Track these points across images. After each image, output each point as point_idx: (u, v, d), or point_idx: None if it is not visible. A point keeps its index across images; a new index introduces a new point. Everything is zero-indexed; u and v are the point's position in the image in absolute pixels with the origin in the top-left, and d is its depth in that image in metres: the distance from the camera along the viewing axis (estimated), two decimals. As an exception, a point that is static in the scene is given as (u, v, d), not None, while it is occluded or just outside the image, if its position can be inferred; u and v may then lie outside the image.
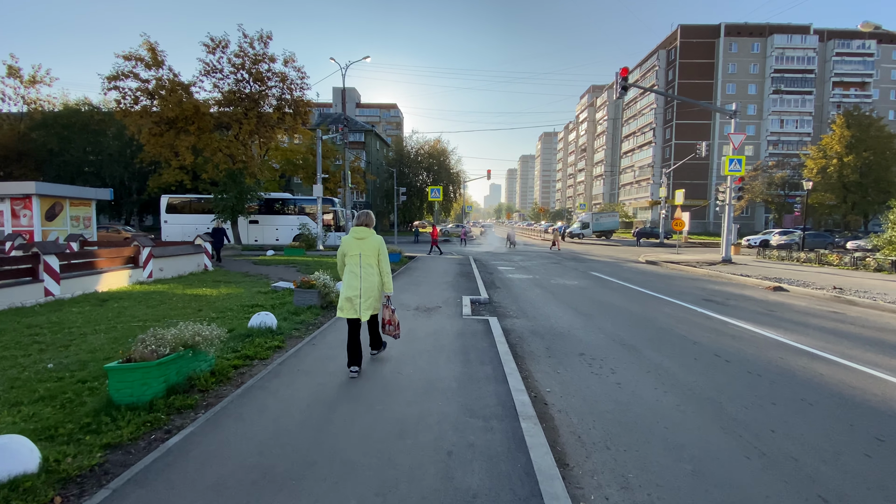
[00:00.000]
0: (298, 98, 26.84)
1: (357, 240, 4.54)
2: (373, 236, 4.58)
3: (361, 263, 4.50)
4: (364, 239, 4.53)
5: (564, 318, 7.86)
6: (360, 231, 4.56)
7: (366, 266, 4.51)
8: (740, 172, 18.76)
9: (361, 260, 4.51)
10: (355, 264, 4.51)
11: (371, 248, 4.54)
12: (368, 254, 4.53)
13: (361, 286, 4.48)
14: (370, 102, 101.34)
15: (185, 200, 28.80)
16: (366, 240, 4.53)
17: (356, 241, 4.53)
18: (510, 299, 9.76)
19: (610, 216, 48.29)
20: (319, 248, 24.21)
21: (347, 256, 4.57)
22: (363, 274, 4.49)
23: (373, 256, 4.55)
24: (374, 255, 4.56)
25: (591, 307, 9.02)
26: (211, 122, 24.46)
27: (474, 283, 11.73)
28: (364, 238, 4.53)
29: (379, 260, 4.59)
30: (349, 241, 4.56)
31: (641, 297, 10.36)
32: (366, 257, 4.52)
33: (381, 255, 4.60)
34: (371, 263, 4.54)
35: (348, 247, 4.57)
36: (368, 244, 4.53)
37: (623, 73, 18.26)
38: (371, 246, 4.54)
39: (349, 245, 4.56)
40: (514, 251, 26.57)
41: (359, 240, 4.53)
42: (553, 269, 16.64)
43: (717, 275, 15.01)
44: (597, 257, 22.72)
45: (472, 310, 7.97)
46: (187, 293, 9.11)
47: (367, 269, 4.51)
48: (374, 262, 4.56)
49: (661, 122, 67.37)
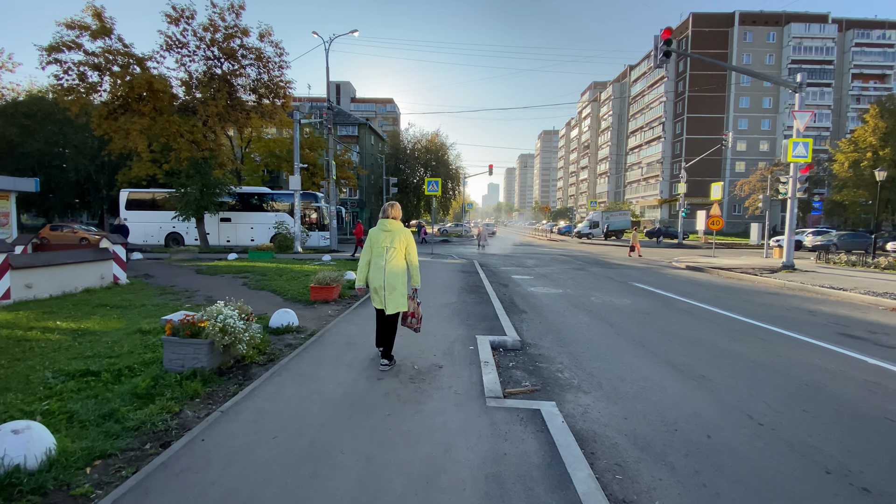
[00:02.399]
0: (277, 79, 23.28)
1: (384, 232, 4.40)
2: (401, 228, 4.44)
3: (387, 257, 4.32)
4: (391, 231, 4.40)
5: (669, 390, 4.32)
6: (388, 223, 4.44)
7: (392, 259, 4.33)
8: (806, 158, 15.27)
9: (387, 253, 4.33)
10: (381, 257, 4.34)
11: (399, 240, 4.39)
12: (396, 246, 4.36)
13: (385, 279, 4.28)
14: (365, 97, 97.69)
15: (149, 195, 25.24)
16: (393, 232, 4.40)
17: (384, 233, 4.39)
18: (551, 337, 6.23)
19: (621, 215, 44.85)
20: (297, 249, 20.64)
21: (374, 248, 4.39)
22: (388, 267, 4.30)
23: (401, 249, 4.39)
24: (403, 247, 4.41)
25: (689, 354, 5.50)
26: (170, 103, 20.83)
27: (487, 302, 8.21)
28: (391, 230, 4.40)
29: (407, 252, 4.44)
30: (376, 233, 4.42)
31: (742, 330, 6.85)
32: (393, 250, 4.35)
33: (410, 248, 4.46)
34: (398, 256, 4.37)
35: (376, 239, 4.40)
36: (396, 236, 4.38)
37: (665, 34, 14.78)
38: (399, 238, 4.39)
39: (376, 237, 4.40)
40: (514, 254, 23.04)
41: (386, 232, 4.40)
42: (582, 278, 13.14)
43: (801, 287, 11.52)
44: (622, 261, 19.23)
45: (498, 373, 4.43)
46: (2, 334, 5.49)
47: (394, 262, 4.33)
48: (402, 255, 4.41)
49: (672, 116, 63.93)
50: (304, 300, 8.13)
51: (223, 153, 22.85)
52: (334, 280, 8.29)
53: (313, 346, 5.11)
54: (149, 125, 20.08)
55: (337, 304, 8.01)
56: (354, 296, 9.02)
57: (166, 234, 24.73)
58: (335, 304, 7.99)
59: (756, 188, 44.89)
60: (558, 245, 33.78)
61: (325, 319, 6.69)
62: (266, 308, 7.37)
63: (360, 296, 8.86)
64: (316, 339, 5.44)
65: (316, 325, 6.27)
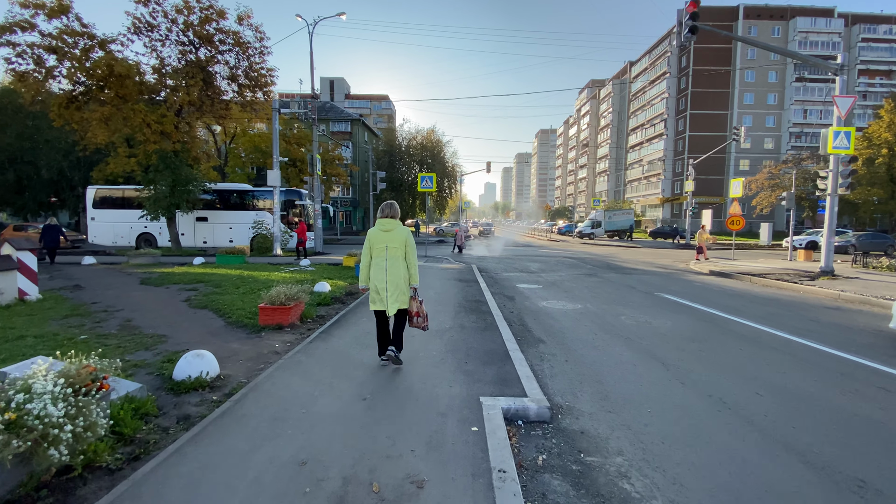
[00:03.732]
0: (258, 66, 21.28)
1: (383, 232, 4.43)
2: (399, 228, 4.47)
3: (388, 256, 4.37)
4: (390, 231, 4.43)
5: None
6: (387, 223, 4.47)
7: (392, 259, 4.38)
8: (849, 150, 13.44)
9: (388, 252, 4.38)
10: (381, 257, 4.39)
11: (398, 240, 4.41)
12: (395, 246, 4.40)
13: (388, 279, 4.34)
14: (360, 94, 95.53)
15: (119, 192, 23.20)
16: (392, 231, 4.43)
17: (382, 234, 4.43)
18: (589, 390, 4.31)
19: (624, 214, 43.02)
20: (276, 252, 18.66)
21: (374, 249, 4.43)
22: (389, 267, 4.36)
23: (399, 248, 4.41)
24: (402, 246, 4.42)
25: (804, 424, 3.59)
26: (135, 90, 18.77)
27: (493, 328, 6.31)
28: (390, 230, 4.43)
29: (406, 252, 4.45)
30: (375, 234, 4.45)
31: (843, 371, 4.97)
32: (392, 249, 4.39)
33: (409, 247, 4.46)
34: (398, 256, 4.40)
35: (375, 239, 4.44)
36: (395, 236, 4.41)
37: (691, 7, 12.94)
38: (398, 238, 4.42)
39: (375, 237, 4.44)
40: (515, 256, 21.15)
41: (385, 232, 4.42)
42: (598, 287, 11.25)
43: (862, 300, 9.67)
44: (634, 265, 17.37)
45: (522, 487, 2.51)
46: None
47: (394, 262, 4.38)
48: (401, 255, 4.42)
49: (674, 112, 62.21)
50: (251, 324, 6.20)
51: (197, 146, 20.83)
52: (293, 297, 6.36)
53: (221, 425, 3.18)
54: (111, 114, 18.02)
55: (294, 330, 6.08)
56: (323, 316, 7.09)
57: (137, 235, 22.71)
58: (291, 331, 6.05)
59: (764, 186, 43.20)
60: (560, 246, 31.91)
61: (264, 361, 4.75)
62: (195, 338, 5.44)
63: (329, 318, 6.93)
64: (233, 404, 3.51)
65: (247, 373, 4.34)
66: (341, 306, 7.85)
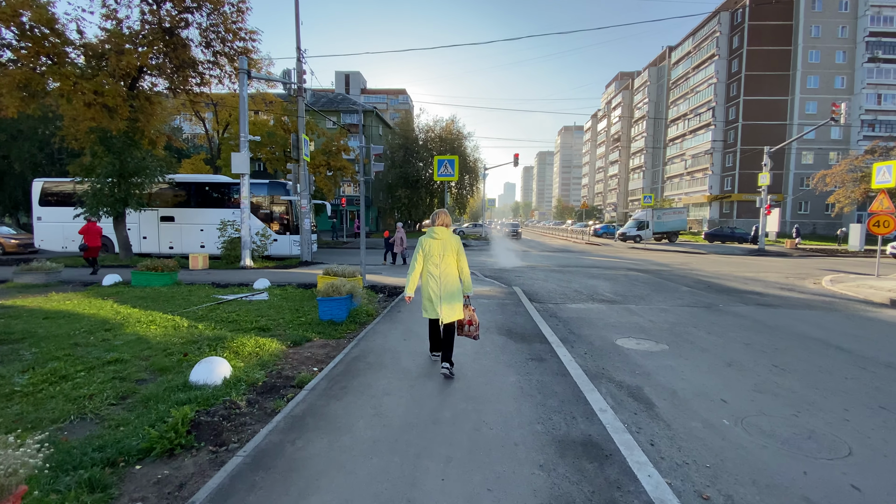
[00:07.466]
0: (235, 26, 16.60)
1: (436, 240, 4.44)
2: (451, 236, 4.48)
3: (440, 264, 4.39)
4: (442, 239, 4.44)
5: None
6: (439, 231, 4.48)
7: (445, 267, 4.39)
8: None
9: (441, 260, 4.39)
10: (434, 265, 4.40)
11: (450, 248, 4.43)
12: (448, 254, 4.41)
13: (442, 287, 4.36)
14: (376, 88, 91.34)
15: (69, 187, 18.92)
16: (444, 240, 4.44)
17: (435, 242, 4.44)
18: None
19: (675, 213, 37.11)
20: (245, 263, 13.93)
21: (427, 257, 4.44)
22: (442, 275, 4.38)
23: (451, 256, 4.42)
24: (454, 254, 4.44)
25: None
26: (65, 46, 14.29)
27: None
28: (442, 238, 4.44)
29: (458, 260, 4.45)
30: (428, 242, 4.46)
31: None
32: (445, 257, 4.40)
33: (461, 255, 4.48)
34: (450, 263, 4.41)
35: (428, 247, 4.45)
36: (447, 244, 4.43)
37: None
38: (450, 246, 4.43)
39: (428, 245, 4.45)
40: (564, 267, 15.83)
41: (437, 240, 4.44)
42: (759, 343, 6.01)
43: None
44: (741, 284, 11.94)
45: None
46: None
47: (448, 270, 4.39)
48: (454, 262, 4.43)
49: (724, 99, 55.51)
50: None
51: (153, 124, 16.28)
52: None
53: None
54: (28, 78, 13.58)
55: None
56: None
57: (90, 239, 18.32)
58: None
59: (844, 181, 36.46)
60: (605, 251, 26.37)
61: None
62: None
63: None
64: None
65: None
66: (219, 446, 2.90)
